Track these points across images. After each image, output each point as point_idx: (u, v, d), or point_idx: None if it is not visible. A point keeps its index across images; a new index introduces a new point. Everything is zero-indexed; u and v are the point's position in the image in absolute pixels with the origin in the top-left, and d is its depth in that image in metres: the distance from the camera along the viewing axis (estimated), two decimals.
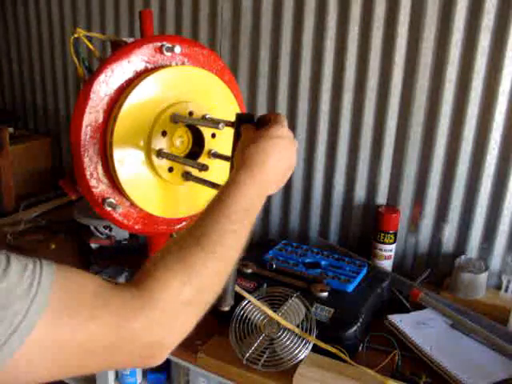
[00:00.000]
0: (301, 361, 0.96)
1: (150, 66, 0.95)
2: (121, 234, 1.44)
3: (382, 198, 1.39)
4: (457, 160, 1.26)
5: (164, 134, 0.93)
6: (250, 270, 1.18)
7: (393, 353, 0.99)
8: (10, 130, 1.79)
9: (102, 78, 0.89)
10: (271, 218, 1.56)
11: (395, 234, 1.34)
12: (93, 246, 1.44)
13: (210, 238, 0.61)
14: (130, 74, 0.92)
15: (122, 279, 1.31)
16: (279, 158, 0.70)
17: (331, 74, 1.37)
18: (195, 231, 0.62)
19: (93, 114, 0.90)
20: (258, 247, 1.36)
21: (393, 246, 1.35)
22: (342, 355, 0.96)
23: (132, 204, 0.97)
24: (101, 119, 0.91)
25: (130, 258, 1.41)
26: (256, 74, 1.47)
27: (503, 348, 1.01)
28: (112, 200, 0.95)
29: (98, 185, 0.94)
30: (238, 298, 1.02)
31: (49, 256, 1.62)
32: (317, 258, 1.26)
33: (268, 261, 1.22)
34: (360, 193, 1.42)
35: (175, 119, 0.93)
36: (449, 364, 0.96)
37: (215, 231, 0.62)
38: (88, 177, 0.92)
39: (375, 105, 1.33)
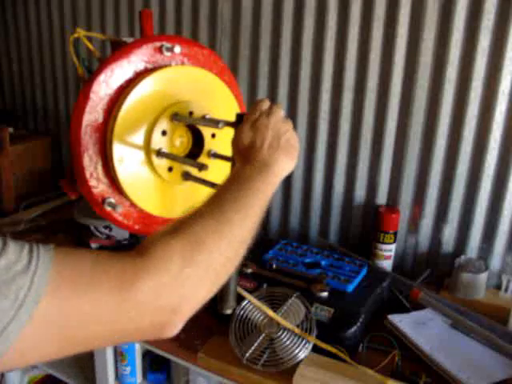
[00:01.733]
0: (301, 361, 0.96)
1: (149, 66, 0.95)
2: (121, 234, 1.44)
3: (382, 198, 1.39)
4: (457, 160, 1.26)
5: (164, 133, 0.93)
6: (250, 270, 1.18)
7: (393, 353, 0.99)
8: (10, 130, 1.79)
9: (101, 77, 0.89)
10: (271, 218, 1.56)
11: (395, 234, 1.34)
12: (93, 246, 1.43)
13: (211, 209, 0.63)
14: (129, 74, 0.92)
15: None
16: (265, 136, 0.76)
17: (331, 74, 1.37)
18: (194, 211, 0.65)
19: (93, 114, 0.90)
20: (258, 247, 1.36)
21: (393, 246, 1.35)
22: (341, 355, 0.96)
23: (132, 204, 0.97)
24: (101, 119, 0.91)
25: None
26: (256, 74, 1.47)
27: (503, 348, 1.00)
28: (112, 200, 0.95)
29: (98, 185, 0.94)
30: (238, 298, 1.02)
31: None
32: (317, 258, 1.26)
33: (268, 261, 1.21)
34: (360, 193, 1.42)
35: (176, 119, 0.93)
36: (449, 364, 0.96)
37: (216, 205, 0.64)
38: (88, 177, 0.92)
39: (375, 105, 1.33)
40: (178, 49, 0.97)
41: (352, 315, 1.03)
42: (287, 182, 1.51)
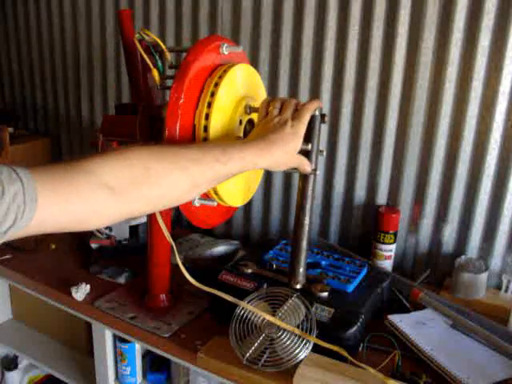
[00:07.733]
0: (301, 361, 0.96)
1: (216, 65, 0.97)
2: (121, 234, 1.44)
3: (381, 198, 1.39)
4: (457, 160, 1.27)
5: (240, 122, 0.97)
6: (250, 270, 1.18)
7: (393, 353, 0.99)
8: (10, 129, 1.79)
9: (188, 78, 0.90)
10: (271, 218, 1.56)
11: (395, 234, 1.34)
12: (93, 245, 1.44)
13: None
14: (207, 74, 0.94)
15: (122, 279, 1.31)
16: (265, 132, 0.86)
17: (331, 74, 1.37)
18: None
19: (183, 116, 0.90)
20: (258, 247, 1.36)
21: (393, 246, 1.35)
22: (342, 355, 0.96)
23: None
24: (190, 120, 0.92)
25: (130, 258, 1.41)
26: None
27: (503, 348, 1.00)
28: None
29: None
30: (239, 298, 1.02)
31: (49, 256, 1.60)
32: (317, 258, 1.26)
33: (268, 261, 1.21)
34: (360, 193, 1.42)
35: (251, 110, 0.98)
36: (449, 364, 0.96)
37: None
38: None
39: (375, 105, 1.33)
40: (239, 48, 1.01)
41: (352, 315, 1.03)
42: (287, 182, 1.51)
